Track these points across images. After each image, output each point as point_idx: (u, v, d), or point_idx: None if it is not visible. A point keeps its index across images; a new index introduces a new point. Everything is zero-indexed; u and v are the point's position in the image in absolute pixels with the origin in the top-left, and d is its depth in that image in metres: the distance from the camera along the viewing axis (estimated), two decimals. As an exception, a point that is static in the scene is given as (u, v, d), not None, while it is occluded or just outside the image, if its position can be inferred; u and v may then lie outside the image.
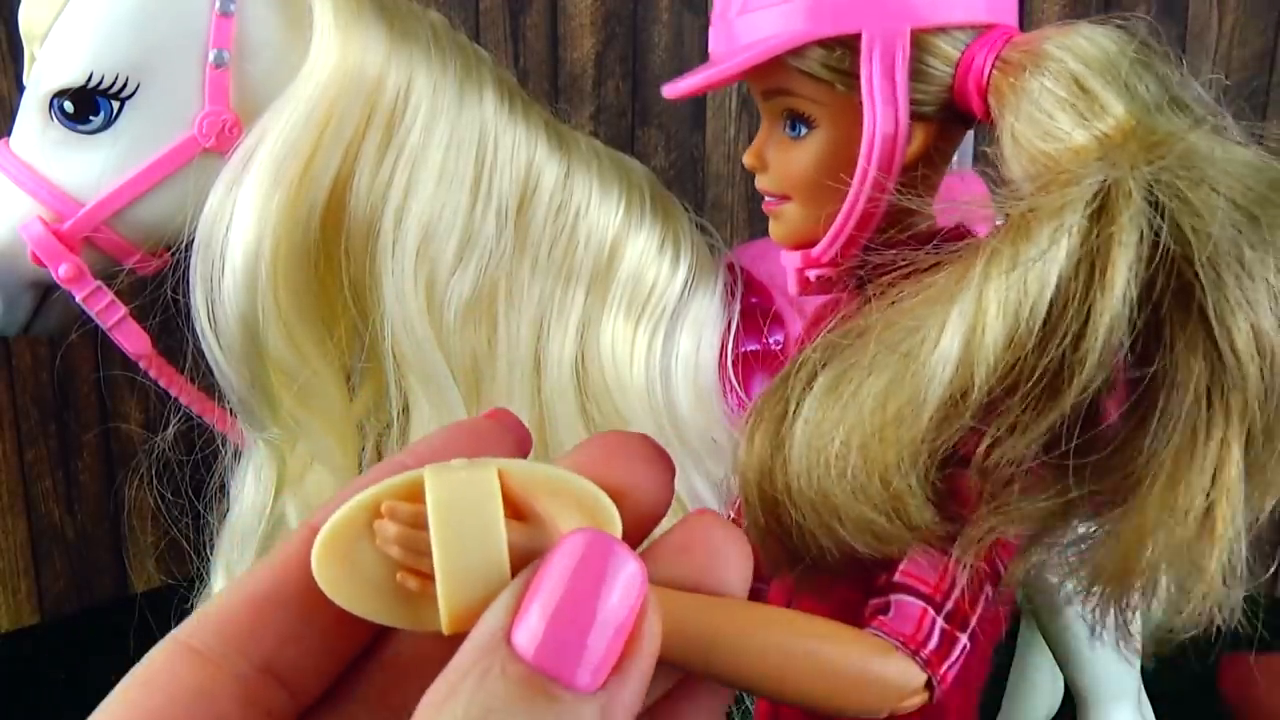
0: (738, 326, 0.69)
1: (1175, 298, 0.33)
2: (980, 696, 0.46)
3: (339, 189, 0.60)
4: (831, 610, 0.38)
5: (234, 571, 0.65)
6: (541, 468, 0.29)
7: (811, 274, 0.45)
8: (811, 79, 0.42)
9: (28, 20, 0.62)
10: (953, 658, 0.36)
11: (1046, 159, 0.35)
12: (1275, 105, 1.18)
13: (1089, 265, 0.32)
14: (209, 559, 0.67)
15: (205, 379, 0.63)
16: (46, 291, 0.66)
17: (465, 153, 0.61)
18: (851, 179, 0.41)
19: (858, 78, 0.40)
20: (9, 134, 0.64)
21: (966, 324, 0.33)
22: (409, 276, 0.60)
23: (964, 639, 0.36)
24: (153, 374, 0.65)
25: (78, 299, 0.63)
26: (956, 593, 0.36)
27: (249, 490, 0.65)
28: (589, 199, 0.66)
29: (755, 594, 0.41)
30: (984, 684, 0.45)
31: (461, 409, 0.61)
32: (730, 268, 0.72)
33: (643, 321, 0.67)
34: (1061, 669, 0.84)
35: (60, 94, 0.61)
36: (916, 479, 0.34)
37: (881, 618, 0.37)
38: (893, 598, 0.37)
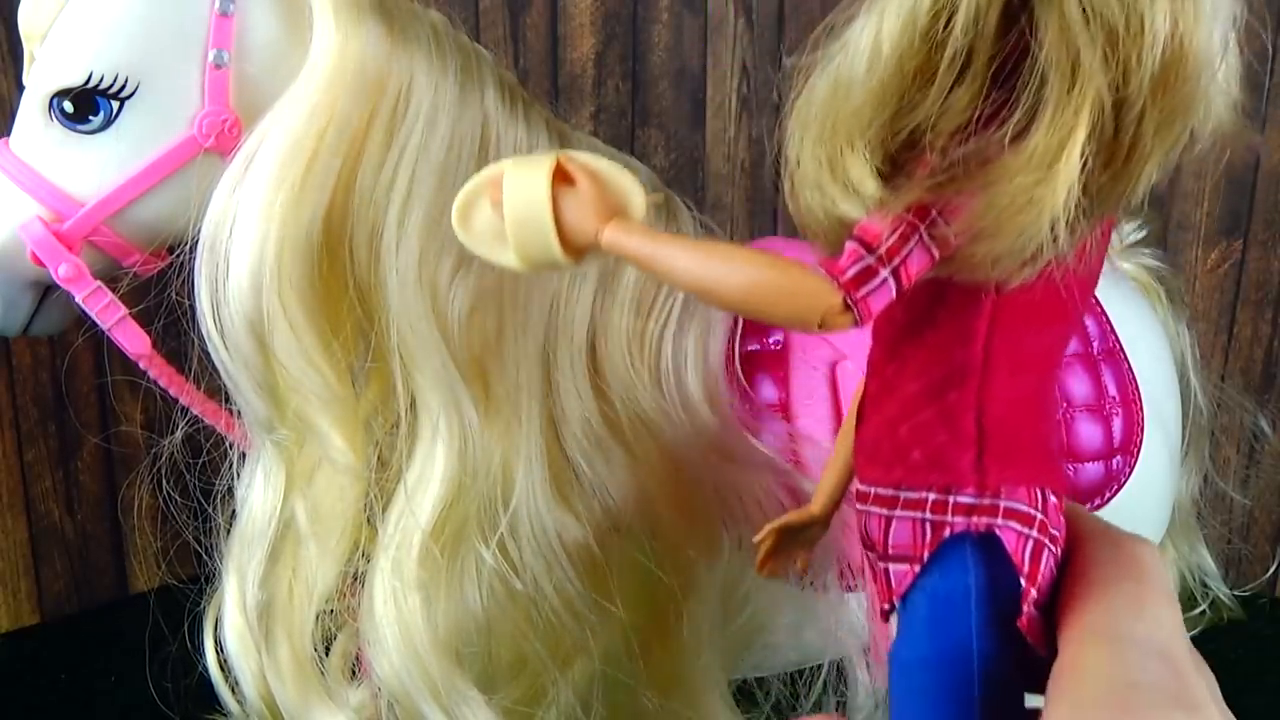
0: (743, 326, 0.69)
1: None
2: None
3: (342, 189, 0.60)
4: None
5: (246, 573, 0.65)
6: (599, 159, 0.45)
7: None
8: None
9: (28, 20, 0.62)
10: (870, 285, 0.42)
11: None
12: (1275, 105, 1.18)
13: None
14: (215, 560, 0.67)
15: (211, 381, 0.63)
16: (46, 291, 0.66)
17: (467, 151, 0.61)
18: None
19: None
20: (9, 134, 0.64)
21: (873, 25, 0.40)
22: (413, 276, 0.60)
23: (884, 272, 0.42)
24: (153, 374, 0.65)
25: (77, 299, 0.63)
26: (890, 241, 0.42)
27: (258, 492, 0.64)
28: None
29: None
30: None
31: (470, 406, 0.61)
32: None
33: (652, 318, 0.67)
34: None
35: (60, 94, 0.61)
36: (862, 157, 0.42)
37: (828, 260, 0.44)
38: (846, 245, 0.43)
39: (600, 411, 0.65)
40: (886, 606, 0.46)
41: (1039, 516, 0.44)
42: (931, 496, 0.45)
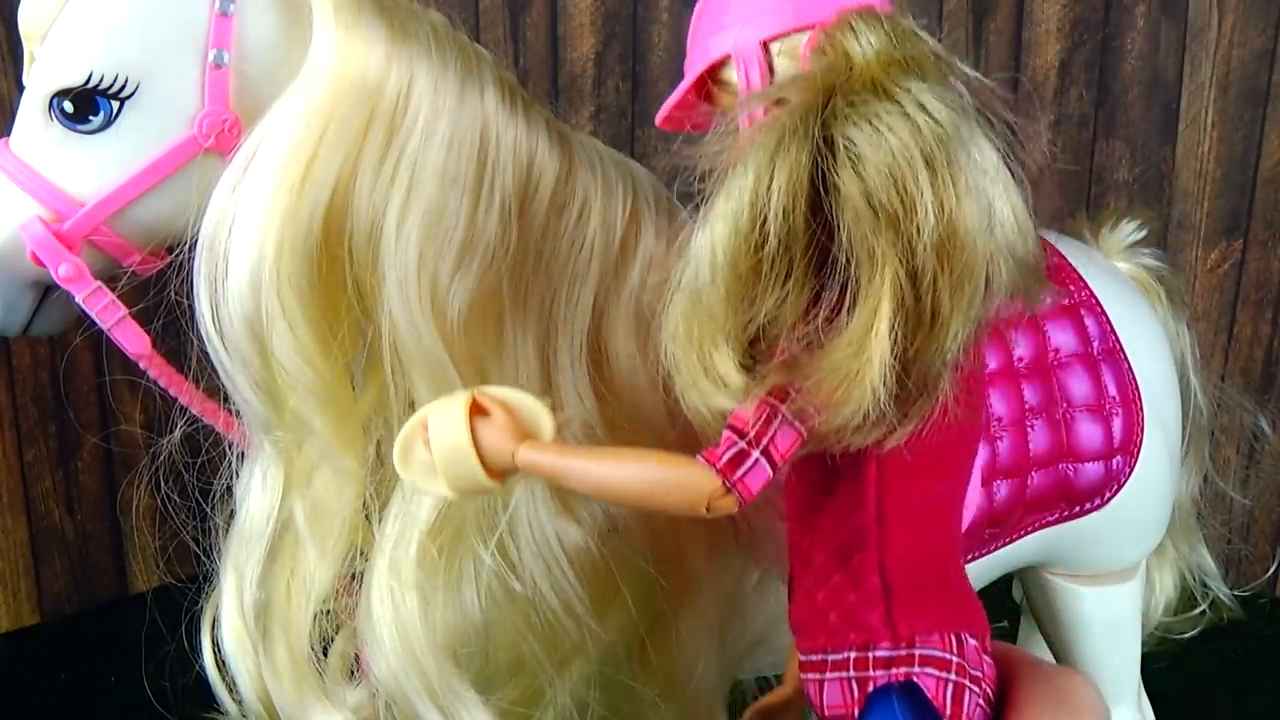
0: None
1: (832, 190, 0.43)
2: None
3: (341, 189, 0.60)
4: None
5: (244, 573, 0.65)
6: (506, 390, 0.50)
7: None
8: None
9: (28, 20, 0.62)
10: (744, 467, 0.45)
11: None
12: (1275, 105, 1.18)
13: (766, 180, 0.44)
14: (214, 560, 0.67)
15: (211, 381, 0.63)
16: (46, 291, 0.66)
17: (467, 151, 0.61)
18: None
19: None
20: (9, 134, 0.64)
21: (706, 234, 0.45)
22: (412, 276, 0.60)
23: (755, 453, 0.46)
24: (153, 374, 0.65)
25: (77, 299, 0.63)
26: (756, 425, 0.46)
27: (256, 492, 0.64)
28: (593, 198, 0.66)
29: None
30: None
31: None
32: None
33: (654, 321, 0.67)
34: (1061, 669, 0.84)
35: (60, 94, 0.61)
36: (725, 354, 0.46)
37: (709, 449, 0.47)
38: (722, 434, 0.47)
39: (600, 413, 0.65)
40: None
41: (955, 660, 0.47)
42: (853, 655, 0.48)
